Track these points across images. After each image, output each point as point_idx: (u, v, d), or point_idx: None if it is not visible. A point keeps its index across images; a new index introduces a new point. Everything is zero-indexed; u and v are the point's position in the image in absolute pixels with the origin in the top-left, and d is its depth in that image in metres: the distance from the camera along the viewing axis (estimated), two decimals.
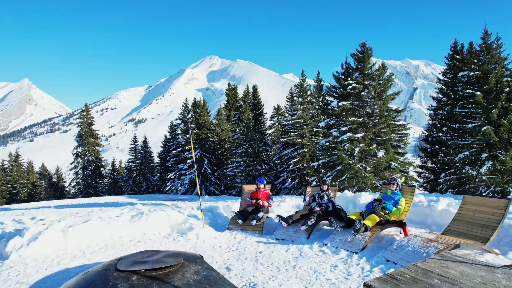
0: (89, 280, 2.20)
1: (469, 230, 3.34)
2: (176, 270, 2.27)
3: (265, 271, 3.11)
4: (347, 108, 17.28)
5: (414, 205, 4.47)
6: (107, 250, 3.63)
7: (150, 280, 2.12)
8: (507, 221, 3.51)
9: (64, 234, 3.57)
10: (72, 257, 3.45)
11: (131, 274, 2.16)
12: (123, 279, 2.12)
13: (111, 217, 4.07)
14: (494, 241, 3.42)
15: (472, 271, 1.54)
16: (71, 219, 3.86)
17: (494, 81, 16.14)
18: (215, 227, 4.47)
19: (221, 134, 30.65)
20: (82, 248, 3.60)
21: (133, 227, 4.00)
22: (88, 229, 3.74)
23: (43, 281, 2.87)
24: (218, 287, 2.23)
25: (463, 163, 17.01)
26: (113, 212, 4.32)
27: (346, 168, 16.91)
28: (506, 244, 3.39)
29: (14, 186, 41.17)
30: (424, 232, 3.77)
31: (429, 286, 1.38)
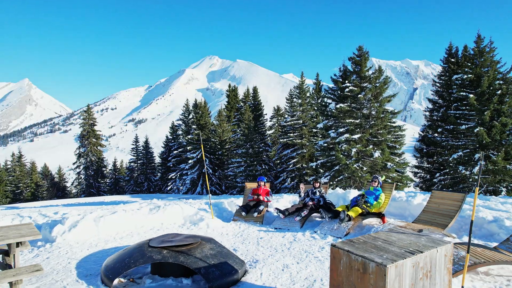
0: (129, 253, 2.79)
1: (434, 219, 3.93)
2: (196, 246, 2.86)
3: (265, 251, 3.71)
4: (345, 110, 17.67)
5: (394, 199, 5.06)
6: (133, 236, 4.19)
7: (177, 253, 2.71)
8: (469, 213, 4.11)
9: (96, 223, 4.17)
10: (106, 241, 4.05)
11: (161, 249, 2.76)
12: (156, 253, 2.71)
13: (133, 209, 4.67)
14: (457, 228, 4.01)
15: (406, 237, 2.12)
16: (100, 211, 4.46)
17: (486, 84, 16.45)
18: (222, 219, 5.09)
19: (222, 134, 31.14)
20: (112, 235, 4.21)
21: (152, 219, 4.61)
22: (116, 219, 4.34)
23: (87, 257, 3.49)
24: (229, 259, 2.83)
25: (457, 163, 17.38)
26: (134, 206, 4.93)
27: (344, 168, 17.27)
28: (465, 231, 3.99)
29: (18, 186, 41.52)
30: (398, 221, 4.36)
31: (373, 245, 1.95)
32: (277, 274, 2.98)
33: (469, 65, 17.82)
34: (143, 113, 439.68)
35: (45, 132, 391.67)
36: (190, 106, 39.09)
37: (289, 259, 3.33)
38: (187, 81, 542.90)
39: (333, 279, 1.95)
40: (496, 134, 15.73)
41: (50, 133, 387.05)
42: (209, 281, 2.53)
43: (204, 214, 4.81)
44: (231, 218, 5.22)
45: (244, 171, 26.63)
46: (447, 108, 20.20)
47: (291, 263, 3.23)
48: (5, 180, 40.02)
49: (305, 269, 3.09)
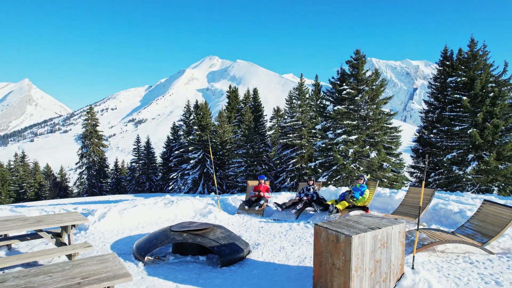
0: (156, 236, 3.48)
1: (408, 210, 4.62)
2: (209, 231, 3.55)
3: (265, 237, 4.42)
4: (342, 112, 18.17)
5: (379, 195, 5.75)
6: (152, 226, 4.85)
7: (195, 235, 3.39)
8: (441, 206, 4.78)
9: (120, 215, 4.84)
10: (130, 229, 4.68)
11: (182, 233, 3.43)
12: (178, 235, 3.39)
13: (150, 204, 5.35)
14: (429, 219, 4.69)
15: (372, 219, 2.79)
16: (123, 205, 5.15)
17: (479, 87, 16.88)
18: (227, 212, 5.80)
19: (223, 135, 31.78)
20: (134, 224, 4.88)
21: (167, 211, 5.29)
22: (136, 212, 5.02)
23: (118, 241, 4.18)
24: (236, 241, 3.52)
25: (451, 163, 17.89)
26: (151, 200, 5.62)
27: (341, 168, 17.77)
28: (436, 221, 4.66)
29: (22, 186, 41.93)
30: (379, 213, 5.05)
31: (345, 224, 2.62)
32: (275, 254, 3.66)
33: (463, 68, 18.33)
34: (143, 113, 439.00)
35: (45, 132, 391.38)
36: (191, 107, 39.65)
37: (285, 243, 4.02)
38: (187, 81, 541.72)
39: (316, 249, 2.62)
40: (488, 135, 16.10)
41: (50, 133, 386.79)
42: (221, 256, 3.21)
43: (212, 208, 5.50)
44: (235, 211, 5.92)
45: (244, 171, 27.20)
46: (442, 110, 20.68)
47: (287, 246, 3.92)
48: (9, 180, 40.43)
49: (298, 249, 3.77)
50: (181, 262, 3.37)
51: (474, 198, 5.39)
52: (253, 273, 3.09)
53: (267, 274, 3.06)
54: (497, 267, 3.05)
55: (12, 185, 41.39)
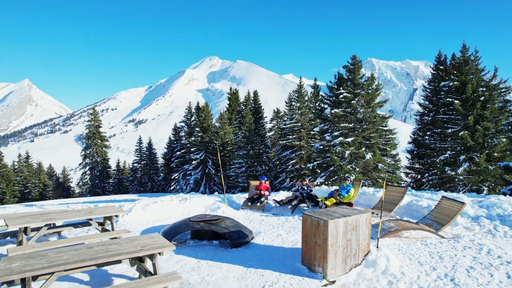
0: (178, 225, 4.37)
1: (385, 205, 5.51)
2: (221, 221, 4.44)
3: (265, 227, 5.33)
4: (339, 115, 18.91)
5: (364, 194, 6.65)
6: (171, 219, 5.73)
7: (210, 224, 4.29)
8: (414, 202, 5.67)
9: (144, 210, 5.73)
10: (153, 221, 5.57)
11: (199, 222, 4.33)
12: (196, 224, 4.29)
13: (167, 201, 6.25)
14: (403, 212, 5.58)
15: (346, 210, 3.68)
16: (144, 201, 6.04)
17: (470, 91, 17.52)
18: (233, 207, 6.71)
19: (224, 136, 32.65)
20: (156, 217, 5.78)
21: (182, 207, 6.17)
22: (157, 207, 5.91)
23: (145, 230, 5.12)
24: (242, 229, 4.42)
25: (444, 164, 18.58)
26: (167, 198, 6.53)
27: (338, 169, 18.50)
28: (408, 214, 5.55)
29: (26, 186, 42.54)
30: (361, 207, 5.94)
31: (325, 213, 3.48)
32: (274, 239, 4.55)
33: (455, 73, 19.05)
34: (143, 114, 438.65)
35: (45, 132, 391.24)
36: (193, 108, 40.47)
37: (282, 232, 4.92)
38: (187, 82, 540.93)
39: (303, 232, 3.51)
40: (479, 137, 16.44)
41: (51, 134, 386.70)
42: (231, 240, 4.10)
43: (220, 204, 6.40)
44: (239, 207, 6.83)
45: (245, 172, 28.01)
46: (436, 113, 21.44)
47: (283, 234, 4.81)
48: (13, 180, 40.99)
49: (292, 236, 4.67)
50: (199, 245, 4.26)
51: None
52: (256, 252, 3.98)
53: (267, 253, 3.95)
54: (444, 247, 3.93)
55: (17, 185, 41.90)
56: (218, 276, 3.25)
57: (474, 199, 6.01)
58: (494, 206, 5.13)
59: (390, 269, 3.27)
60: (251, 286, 3.05)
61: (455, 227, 4.52)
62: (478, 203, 5.57)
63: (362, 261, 3.42)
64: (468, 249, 3.85)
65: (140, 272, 2.82)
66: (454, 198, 4.96)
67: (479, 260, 3.53)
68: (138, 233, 4.78)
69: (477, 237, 4.19)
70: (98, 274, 3.24)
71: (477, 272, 3.26)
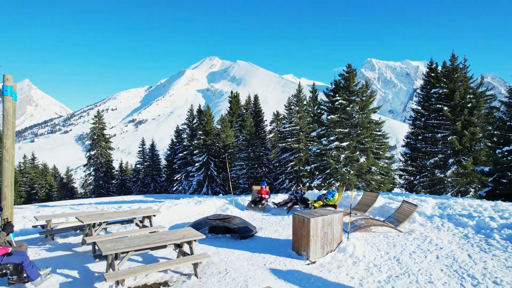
0: (199, 222, 5.70)
1: (361, 207, 6.82)
2: (232, 219, 5.78)
3: (266, 224, 6.64)
4: (335, 120, 19.99)
5: (348, 197, 7.97)
6: (190, 218, 7.04)
7: (223, 221, 5.62)
8: (387, 205, 6.98)
9: (168, 211, 7.04)
10: (176, 220, 6.88)
11: (215, 220, 5.66)
12: (213, 221, 5.63)
13: (185, 203, 7.58)
14: (376, 213, 6.89)
15: (325, 211, 4.94)
16: (167, 204, 7.35)
17: (458, 98, 18.44)
18: (239, 208, 8.07)
19: (225, 139, 33.93)
20: (178, 216, 7.10)
21: (197, 208, 7.50)
22: (178, 208, 7.23)
23: (172, 226, 6.40)
24: (248, 225, 5.75)
25: (434, 167, 19.68)
26: (184, 201, 7.86)
27: (334, 171, 19.63)
28: (380, 214, 6.86)
29: (33, 187, 43.47)
30: (341, 208, 7.27)
31: (310, 213, 4.77)
32: (272, 233, 5.88)
33: (445, 80, 20.11)
34: (144, 114, 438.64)
35: (45, 132, 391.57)
36: (194, 111, 41.69)
37: (279, 227, 6.25)
38: (187, 82, 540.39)
39: (293, 227, 4.82)
40: (466, 142, 17.34)
41: (51, 134, 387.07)
42: (240, 233, 5.42)
43: (228, 205, 7.73)
44: (244, 208, 8.17)
45: (246, 173, 29.27)
46: (427, 118, 22.60)
47: (279, 229, 6.15)
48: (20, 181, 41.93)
49: (286, 231, 6.01)
50: (215, 237, 5.59)
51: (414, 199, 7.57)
52: (259, 242, 5.31)
53: (267, 243, 5.29)
54: (399, 238, 5.26)
55: (23, 186, 42.71)
56: (232, 258, 4.57)
57: (438, 201, 7.31)
58: (448, 207, 6.43)
59: (356, 253, 4.57)
60: (256, 264, 4.36)
61: (413, 224, 5.83)
62: (439, 204, 6.87)
63: (335, 248, 4.73)
64: (416, 239, 5.17)
65: (180, 253, 4.13)
66: (412, 201, 6.30)
67: (421, 247, 4.85)
68: (167, 229, 6.09)
69: (427, 231, 5.51)
70: (147, 256, 4.54)
71: (416, 255, 4.58)
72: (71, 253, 4.77)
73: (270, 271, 4.16)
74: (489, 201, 7.46)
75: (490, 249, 4.63)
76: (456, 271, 4.06)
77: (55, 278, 3.78)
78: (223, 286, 3.71)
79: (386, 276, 4.02)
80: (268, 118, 37.44)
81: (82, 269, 4.15)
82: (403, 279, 3.93)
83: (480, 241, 4.92)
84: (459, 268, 4.13)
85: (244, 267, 4.25)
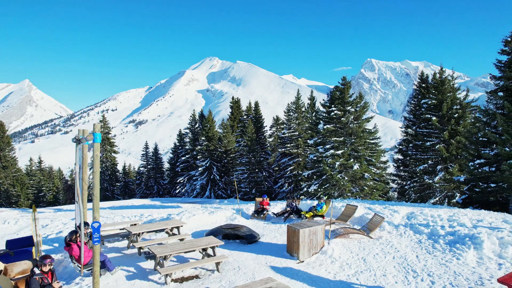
0: (214, 230, 7.37)
1: (343, 217, 8.44)
2: (240, 228, 7.44)
3: (267, 231, 8.23)
4: (331, 130, 21.55)
5: (335, 208, 9.58)
6: (206, 226, 8.65)
7: (234, 230, 7.27)
8: (365, 215, 8.58)
9: (187, 219, 8.65)
10: (195, 227, 8.50)
11: (227, 229, 7.31)
12: (226, 230, 7.30)
13: (200, 213, 9.20)
14: (356, 222, 8.52)
15: (311, 223, 6.51)
16: (187, 214, 8.97)
17: (446, 109, 19.62)
18: (244, 217, 9.70)
19: (227, 145, 35.56)
20: (196, 225, 8.73)
21: (211, 218, 9.13)
22: (195, 218, 8.87)
23: (193, 233, 7.92)
24: (253, 232, 7.42)
25: (423, 173, 21.10)
26: (200, 211, 9.50)
27: (329, 177, 21.17)
28: (359, 223, 8.48)
29: (41, 190, 44.62)
30: (328, 218, 8.90)
31: (300, 224, 6.36)
32: (272, 239, 7.52)
33: (434, 92, 21.54)
34: (144, 114, 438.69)
35: (45, 133, 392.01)
36: (197, 115, 43.24)
37: (277, 234, 7.90)
38: (187, 82, 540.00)
39: (287, 235, 6.45)
40: (453, 150, 18.69)
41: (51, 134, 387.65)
42: (247, 239, 7.05)
43: (236, 215, 9.37)
44: (249, 217, 9.82)
45: (247, 178, 30.86)
46: (418, 126, 24.09)
47: (278, 236, 7.80)
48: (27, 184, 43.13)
49: (283, 237, 7.68)
50: (228, 242, 7.22)
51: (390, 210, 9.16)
52: (262, 246, 6.95)
53: (268, 247, 6.93)
54: (369, 243, 6.89)
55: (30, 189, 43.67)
56: (242, 258, 6.19)
57: (410, 210, 8.91)
58: (413, 217, 8.04)
59: (334, 255, 6.18)
60: (260, 263, 6.00)
61: (382, 231, 7.45)
62: (408, 214, 8.48)
63: (319, 251, 6.34)
64: (381, 244, 6.80)
65: (205, 255, 5.76)
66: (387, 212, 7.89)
67: (384, 250, 6.48)
68: (190, 236, 7.71)
69: (391, 237, 7.13)
70: (179, 257, 6.15)
71: (379, 256, 6.21)
72: (121, 254, 6.38)
73: (270, 267, 5.78)
74: (451, 210, 9.04)
75: (433, 251, 6.25)
76: (404, 267, 5.69)
77: (120, 272, 5.41)
78: (237, 278, 5.34)
79: (354, 271, 5.64)
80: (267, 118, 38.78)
81: (135, 266, 5.78)
82: (365, 273, 5.56)
83: (428, 245, 6.54)
84: (407, 265, 5.76)
85: (251, 265, 5.88)
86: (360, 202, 11.26)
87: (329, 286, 5.09)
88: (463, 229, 6.77)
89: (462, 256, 5.86)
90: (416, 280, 5.23)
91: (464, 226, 6.99)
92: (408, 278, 5.32)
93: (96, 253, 4.13)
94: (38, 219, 6.43)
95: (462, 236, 6.45)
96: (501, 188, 13.10)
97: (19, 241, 5.92)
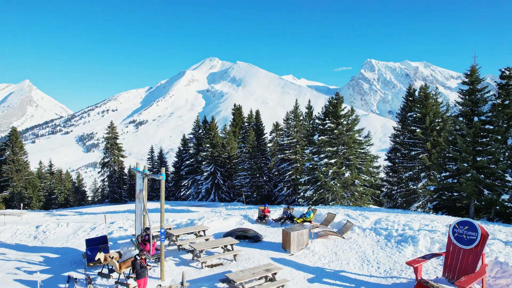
0: (230, 232, 10.16)
1: (325, 222, 11.12)
2: (248, 230, 10.18)
3: (268, 233, 10.97)
4: (325, 141, 24.05)
5: (320, 214, 12.23)
6: (221, 229, 11.26)
7: (243, 232, 9.99)
8: (342, 221, 11.23)
9: (208, 224, 11.30)
10: (214, 230, 11.13)
11: (239, 231, 10.03)
12: (238, 232, 10.02)
13: (216, 218, 11.88)
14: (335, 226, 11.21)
15: (300, 227, 9.12)
16: (206, 219, 11.64)
17: (428, 122, 22.19)
18: (250, 222, 12.39)
19: (230, 151, 38.18)
20: (215, 228, 11.41)
21: (225, 222, 11.81)
22: (213, 222, 11.51)
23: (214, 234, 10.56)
24: (258, 234, 10.17)
25: (408, 179, 23.61)
26: (215, 217, 12.20)
27: (323, 184, 23.66)
28: (337, 227, 11.12)
29: (52, 192, 46.66)
30: (314, 222, 11.58)
31: (291, 228, 8.98)
32: (271, 239, 10.28)
33: (419, 106, 24.04)
34: (144, 115, 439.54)
35: (46, 133, 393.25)
36: (200, 122, 45.79)
37: (276, 235, 10.62)
38: (188, 83, 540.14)
39: (282, 236, 9.19)
40: (434, 159, 20.87)
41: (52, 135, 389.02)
42: (254, 239, 9.77)
43: (243, 221, 12.08)
44: (254, 222, 12.54)
45: (249, 182, 33.42)
46: (405, 137, 26.64)
47: (276, 236, 10.53)
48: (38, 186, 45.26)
49: (280, 237, 10.37)
50: (240, 242, 9.88)
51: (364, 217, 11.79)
52: (264, 244, 9.70)
53: (269, 244, 9.67)
54: (341, 242, 9.61)
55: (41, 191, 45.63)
56: (251, 252, 8.91)
57: (379, 216, 11.54)
58: (379, 222, 10.68)
59: (315, 250, 8.84)
60: (263, 255, 8.73)
61: (353, 233, 10.10)
62: (376, 220, 11.11)
63: (305, 247, 9.03)
64: (350, 243, 9.47)
65: (225, 250, 8.42)
66: (349, 220, 10.57)
67: (351, 247, 9.16)
68: (212, 237, 10.36)
69: (359, 238, 9.79)
70: (207, 252, 8.81)
71: (346, 251, 8.89)
72: (165, 250, 9.00)
73: (270, 258, 8.48)
74: (411, 215, 11.67)
75: (385, 248, 8.93)
76: (362, 258, 8.37)
77: (170, 261, 8.10)
78: (249, 264, 8.05)
79: (327, 261, 8.33)
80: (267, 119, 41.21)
81: (178, 257, 8.47)
82: (335, 262, 8.25)
83: (383, 244, 9.21)
84: (364, 257, 8.44)
85: (257, 256, 8.57)
86: (343, 208, 13.96)
87: (309, 270, 7.77)
88: (410, 232, 9.41)
89: (403, 250, 8.52)
90: (368, 266, 7.92)
91: (412, 230, 9.63)
92: (363, 265, 8.00)
93: (161, 248, 6.81)
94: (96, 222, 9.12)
95: (407, 236, 9.10)
96: (462, 197, 15.80)
97: (95, 240, 8.55)
